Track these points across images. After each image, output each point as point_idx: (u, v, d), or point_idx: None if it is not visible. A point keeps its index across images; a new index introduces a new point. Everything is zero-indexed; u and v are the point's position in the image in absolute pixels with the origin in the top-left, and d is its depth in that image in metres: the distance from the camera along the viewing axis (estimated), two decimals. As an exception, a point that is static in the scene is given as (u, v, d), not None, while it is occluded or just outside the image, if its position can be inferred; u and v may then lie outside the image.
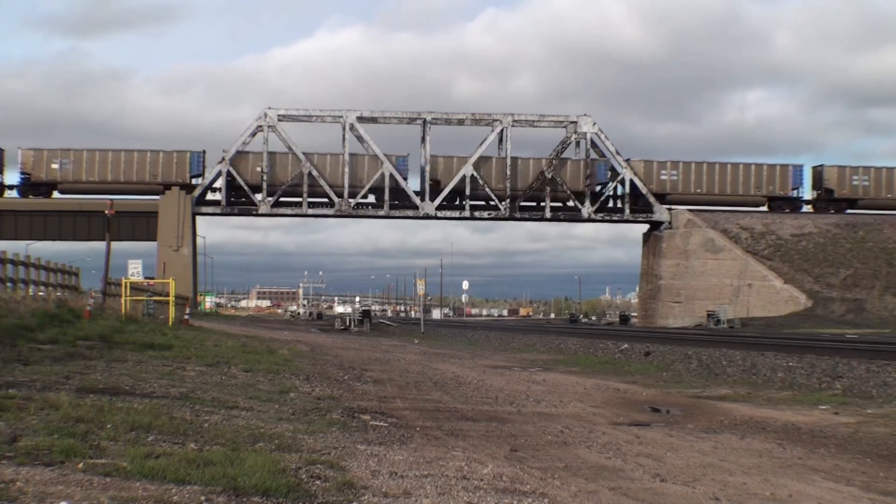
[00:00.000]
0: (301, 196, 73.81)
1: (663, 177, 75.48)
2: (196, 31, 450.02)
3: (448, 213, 75.82)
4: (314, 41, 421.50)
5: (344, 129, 73.99)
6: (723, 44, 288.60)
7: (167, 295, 38.19)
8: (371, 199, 75.39)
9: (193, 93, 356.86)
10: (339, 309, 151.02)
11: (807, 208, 79.13)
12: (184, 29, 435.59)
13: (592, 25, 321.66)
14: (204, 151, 74.57)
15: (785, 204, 77.47)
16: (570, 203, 75.68)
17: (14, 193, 74.28)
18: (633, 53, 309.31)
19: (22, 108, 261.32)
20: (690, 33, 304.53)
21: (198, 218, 77.20)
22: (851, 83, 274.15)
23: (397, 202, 74.92)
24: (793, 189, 77.12)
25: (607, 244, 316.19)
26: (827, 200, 78.45)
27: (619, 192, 76.35)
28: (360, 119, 74.38)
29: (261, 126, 73.55)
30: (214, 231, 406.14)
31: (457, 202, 75.16)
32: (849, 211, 78.60)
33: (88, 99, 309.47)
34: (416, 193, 74.12)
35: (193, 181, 74.08)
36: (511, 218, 76.01)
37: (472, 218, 76.57)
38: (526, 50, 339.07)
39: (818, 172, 79.09)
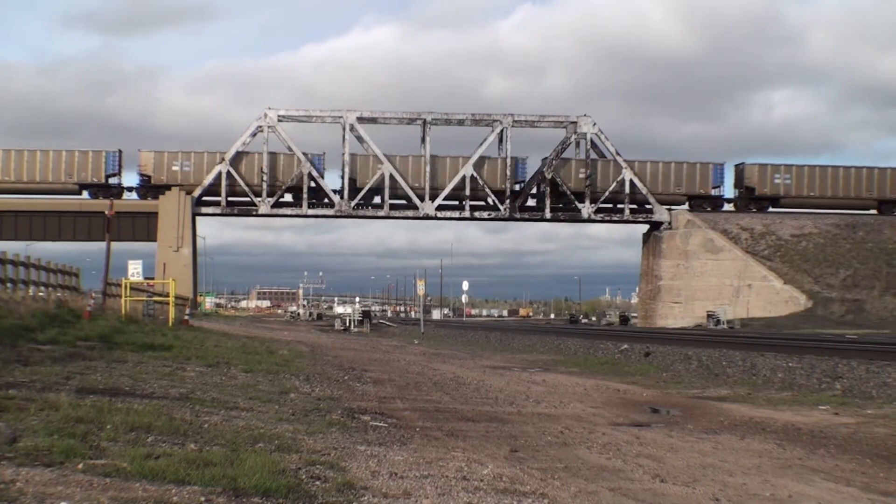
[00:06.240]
0: (301, 196, 73.88)
1: (581, 176, 75.02)
2: (230, 29, 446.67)
3: (448, 214, 75.86)
4: (348, 38, 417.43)
5: (344, 129, 74.03)
6: (760, 43, 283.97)
7: (167, 295, 38.21)
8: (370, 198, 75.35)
9: (223, 91, 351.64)
10: (338, 309, 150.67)
11: (728, 207, 78.58)
12: (218, 27, 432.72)
13: (627, 23, 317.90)
14: (120, 151, 74.22)
15: (705, 202, 76.88)
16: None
17: None
18: (667, 52, 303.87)
19: (49, 107, 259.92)
20: (728, 32, 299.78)
21: (207, 218, 77.29)
22: (880, 83, 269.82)
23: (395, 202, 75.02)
24: (714, 187, 76.68)
25: (618, 244, 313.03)
26: (748, 199, 77.93)
27: (542, 189, 75.34)
28: (360, 119, 74.38)
29: (261, 126, 73.60)
30: (224, 231, 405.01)
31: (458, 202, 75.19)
32: (771, 209, 78.16)
33: (117, 98, 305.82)
34: (417, 193, 74.11)
35: (110, 181, 73.85)
36: (511, 218, 76.00)
37: (472, 218, 76.58)
38: (559, 48, 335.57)
39: (740, 171, 78.53)
